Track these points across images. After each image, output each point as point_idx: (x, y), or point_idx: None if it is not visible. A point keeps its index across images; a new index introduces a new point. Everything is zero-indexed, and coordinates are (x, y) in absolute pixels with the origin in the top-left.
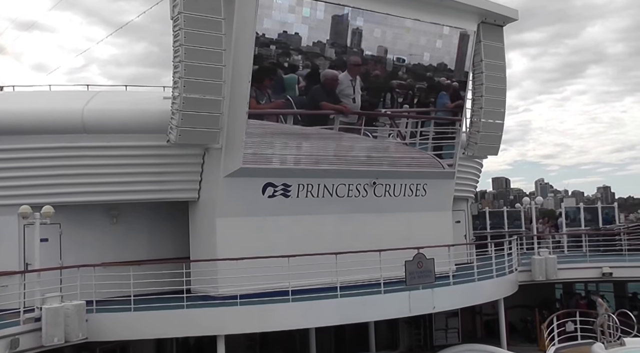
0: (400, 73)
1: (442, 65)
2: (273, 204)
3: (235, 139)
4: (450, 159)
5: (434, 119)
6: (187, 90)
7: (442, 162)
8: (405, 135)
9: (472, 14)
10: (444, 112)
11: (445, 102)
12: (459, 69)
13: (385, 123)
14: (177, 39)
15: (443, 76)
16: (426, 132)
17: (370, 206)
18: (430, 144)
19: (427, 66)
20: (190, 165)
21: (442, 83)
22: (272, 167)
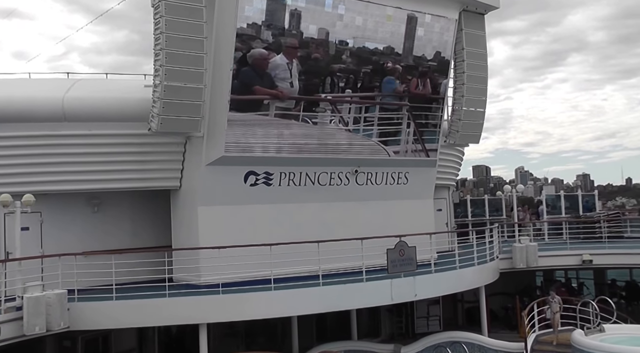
0: (344, 56)
1: (388, 49)
2: (255, 193)
3: (216, 127)
4: (432, 144)
5: (380, 104)
6: (168, 78)
7: (388, 149)
8: (348, 121)
9: (454, 1)
10: (391, 97)
11: (393, 87)
12: (406, 53)
13: (326, 108)
14: (157, 26)
15: (389, 60)
16: (371, 118)
17: (352, 194)
18: (376, 130)
19: (373, 50)
20: (172, 154)
21: (388, 67)
22: (254, 155)
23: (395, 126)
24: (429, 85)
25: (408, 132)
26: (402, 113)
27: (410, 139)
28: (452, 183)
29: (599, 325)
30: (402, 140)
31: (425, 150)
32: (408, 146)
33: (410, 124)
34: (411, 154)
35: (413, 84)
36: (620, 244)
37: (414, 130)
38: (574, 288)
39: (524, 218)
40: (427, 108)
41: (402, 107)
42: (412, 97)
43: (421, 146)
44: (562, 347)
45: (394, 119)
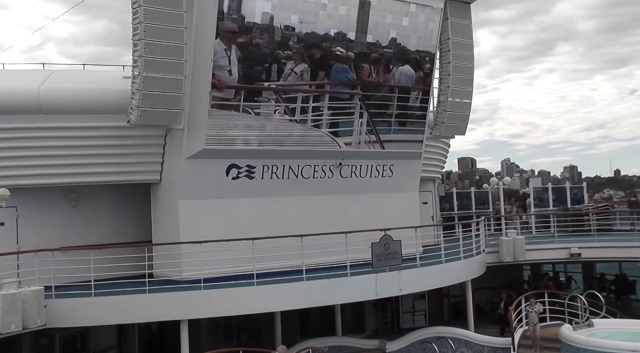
0: (291, 42)
1: (340, 35)
2: (237, 186)
3: (197, 119)
4: (412, 135)
5: (330, 92)
6: (147, 70)
7: (339, 141)
8: (295, 111)
9: None
10: (343, 85)
11: (347, 76)
12: (360, 39)
13: (270, 98)
14: (136, 16)
15: (341, 46)
16: (320, 108)
17: (336, 187)
18: (326, 121)
19: (323, 35)
20: (152, 147)
21: (339, 54)
22: (235, 148)
23: (347, 116)
24: (383, 73)
25: (361, 123)
26: (354, 102)
27: (363, 130)
28: (437, 176)
29: (587, 319)
30: (355, 131)
31: (380, 141)
32: (361, 137)
33: (363, 113)
34: (364, 145)
35: (365, 72)
36: (609, 237)
37: (368, 120)
38: (562, 282)
39: (511, 212)
40: (385, 97)
41: (353, 96)
42: (364, 85)
43: (375, 137)
44: (550, 342)
45: (345, 109)
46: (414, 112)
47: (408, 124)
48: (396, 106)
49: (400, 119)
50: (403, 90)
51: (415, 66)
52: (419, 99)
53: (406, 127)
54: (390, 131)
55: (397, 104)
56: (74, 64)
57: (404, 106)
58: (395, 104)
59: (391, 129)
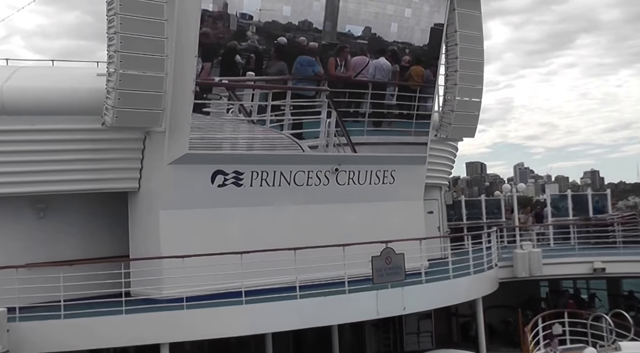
0: (249, 33)
1: (305, 24)
2: (224, 194)
3: (180, 121)
4: (409, 137)
5: (292, 89)
6: (124, 66)
7: (302, 144)
8: (251, 110)
9: None
10: (308, 81)
11: (314, 70)
12: (329, 28)
13: (222, 95)
14: (111, 7)
15: (305, 37)
16: (280, 107)
17: (333, 195)
18: (287, 122)
19: (286, 25)
20: (129, 151)
21: (303, 45)
22: (222, 152)
23: (313, 115)
24: (354, 66)
25: (328, 123)
26: (321, 100)
27: (331, 131)
28: (444, 183)
29: (614, 342)
30: (321, 133)
31: (351, 144)
32: (329, 139)
33: (332, 113)
34: (333, 147)
35: (331, 65)
36: (636, 250)
37: (337, 120)
38: (584, 301)
39: (526, 222)
40: (356, 94)
41: (320, 92)
42: (332, 81)
43: (346, 139)
44: None
45: (310, 108)
46: (390, 111)
47: (384, 124)
48: (369, 104)
49: (374, 119)
50: (378, 86)
51: (392, 58)
52: (395, 95)
53: (381, 127)
54: (363, 132)
55: (371, 101)
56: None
57: (379, 104)
58: (369, 101)
59: (364, 130)
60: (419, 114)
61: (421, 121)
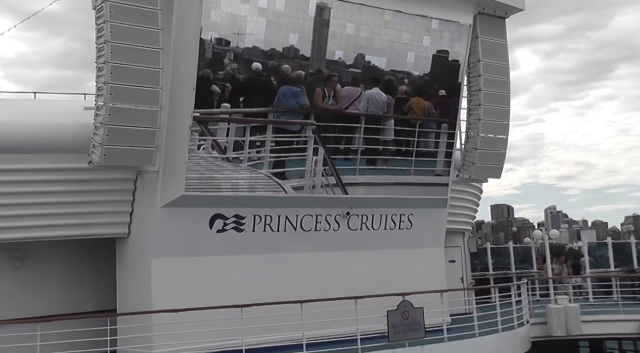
0: (226, 60)
1: (290, 51)
2: (223, 241)
3: (175, 159)
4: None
5: (274, 123)
6: (115, 99)
7: (284, 185)
8: (226, 147)
9: (467, 2)
10: (292, 114)
11: (299, 101)
12: (318, 55)
13: (193, 130)
14: (101, 34)
15: (290, 64)
16: (260, 143)
17: (344, 242)
18: (268, 160)
19: (268, 51)
20: (119, 193)
21: (286, 73)
22: (222, 194)
23: (299, 153)
24: (344, 97)
25: (315, 161)
26: (306, 135)
27: (319, 170)
28: (467, 228)
29: None
30: (307, 172)
31: (342, 184)
32: (316, 179)
33: (319, 149)
34: (320, 189)
35: (318, 96)
36: None
37: (327, 158)
38: None
39: (561, 273)
40: (347, 129)
41: (305, 127)
42: (319, 114)
43: (336, 179)
44: None
45: (294, 144)
46: (386, 148)
47: (379, 162)
48: (362, 140)
49: (368, 156)
50: (371, 120)
51: (387, 89)
52: (392, 130)
53: (376, 165)
54: (355, 171)
55: (364, 136)
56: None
57: (373, 140)
58: (361, 136)
59: (356, 169)
60: (419, 151)
61: (422, 159)
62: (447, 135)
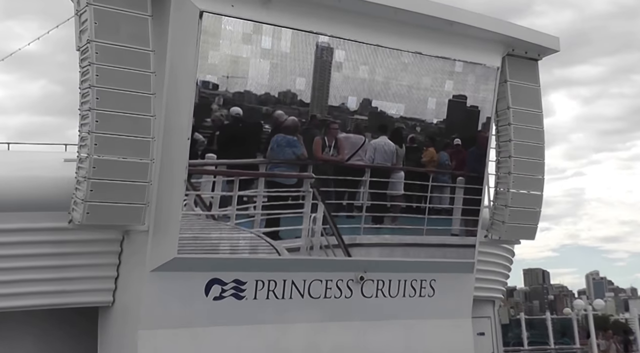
0: (214, 106)
1: (287, 95)
2: (221, 310)
3: (167, 218)
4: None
5: (266, 176)
6: (100, 150)
7: (277, 246)
8: (211, 203)
9: (495, 43)
10: (287, 165)
11: (295, 152)
12: (319, 100)
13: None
14: (85, 77)
15: (286, 110)
16: (250, 198)
17: (357, 311)
18: (259, 217)
19: (261, 96)
20: (103, 256)
21: (280, 120)
22: (219, 257)
23: (295, 209)
24: (347, 148)
25: (314, 219)
26: (304, 189)
27: (317, 229)
28: (498, 296)
29: None
30: (304, 231)
31: (344, 245)
32: (314, 240)
33: (318, 206)
34: (319, 250)
35: (317, 146)
36: None
37: (327, 215)
38: None
39: (608, 349)
40: (350, 183)
41: (302, 180)
42: (318, 165)
43: (337, 239)
44: None
45: (290, 199)
46: (395, 204)
47: (386, 221)
48: (367, 195)
49: (374, 213)
50: (378, 172)
51: (395, 138)
52: (402, 184)
53: (383, 224)
54: (359, 230)
55: (370, 191)
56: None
57: (380, 195)
58: (367, 191)
59: (361, 228)
60: (432, 208)
61: (435, 217)
62: (463, 191)
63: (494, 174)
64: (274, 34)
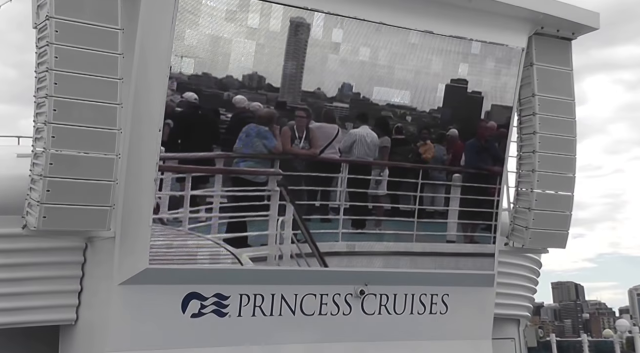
0: (168, 91)
1: (253, 79)
2: (200, 329)
3: (137, 222)
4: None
5: (229, 172)
6: (59, 144)
7: (240, 255)
8: (158, 204)
9: (520, 20)
10: (256, 161)
11: (267, 144)
12: (291, 87)
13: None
14: (43, 59)
15: (251, 96)
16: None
17: (357, 330)
18: (217, 221)
19: (223, 79)
20: (63, 267)
21: (241, 107)
22: (198, 267)
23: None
24: (321, 139)
25: (282, 223)
26: (271, 189)
27: (287, 234)
28: (523, 314)
29: None
30: (271, 237)
31: (319, 253)
32: (284, 247)
33: (286, 207)
34: (291, 259)
35: (285, 137)
36: None
37: (297, 219)
38: None
39: None
40: (324, 180)
41: (270, 177)
42: (287, 160)
43: (310, 247)
44: None
45: (257, 199)
46: (377, 205)
47: (368, 225)
48: (346, 194)
49: (353, 216)
50: (358, 168)
51: (380, 128)
52: (385, 182)
53: (365, 229)
54: (337, 236)
55: (349, 190)
56: None
57: (361, 195)
58: (344, 190)
59: (338, 233)
60: (422, 209)
61: (427, 220)
62: (460, 190)
63: (515, 171)
64: (262, 11)
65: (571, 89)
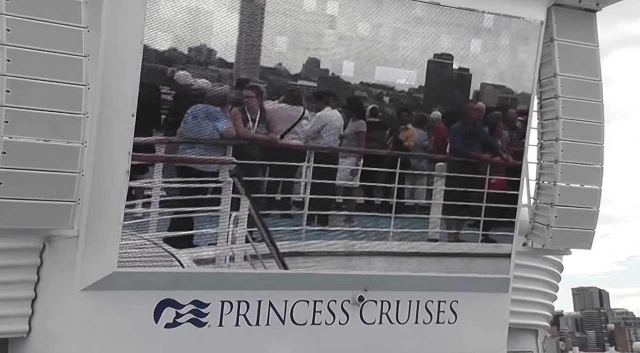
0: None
1: (201, 53)
2: (175, 340)
3: (104, 220)
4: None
5: (166, 161)
6: (12, 130)
7: (182, 257)
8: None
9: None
10: (207, 146)
11: (217, 126)
12: (249, 64)
13: None
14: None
15: (206, 76)
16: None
17: (355, 342)
18: (156, 218)
19: (167, 52)
20: (16, 270)
21: (185, 83)
22: (173, 270)
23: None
24: (281, 122)
25: (235, 219)
26: (222, 180)
27: (241, 234)
28: (542, 324)
29: None
30: (222, 237)
31: (278, 254)
32: (236, 249)
33: (241, 201)
34: (245, 261)
35: (236, 120)
36: None
37: (254, 214)
38: None
39: None
40: (286, 169)
41: (222, 165)
42: (240, 145)
43: (268, 246)
44: None
45: (206, 192)
46: (347, 198)
47: (333, 221)
48: (310, 186)
49: (317, 212)
50: (324, 157)
51: (353, 110)
52: (358, 172)
53: (329, 225)
54: (300, 234)
55: (314, 182)
56: None
57: (327, 187)
58: (308, 181)
59: (302, 231)
60: (400, 203)
61: (406, 216)
62: (444, 181)
63: (536, 162)
64: None
65: (597, 68)
